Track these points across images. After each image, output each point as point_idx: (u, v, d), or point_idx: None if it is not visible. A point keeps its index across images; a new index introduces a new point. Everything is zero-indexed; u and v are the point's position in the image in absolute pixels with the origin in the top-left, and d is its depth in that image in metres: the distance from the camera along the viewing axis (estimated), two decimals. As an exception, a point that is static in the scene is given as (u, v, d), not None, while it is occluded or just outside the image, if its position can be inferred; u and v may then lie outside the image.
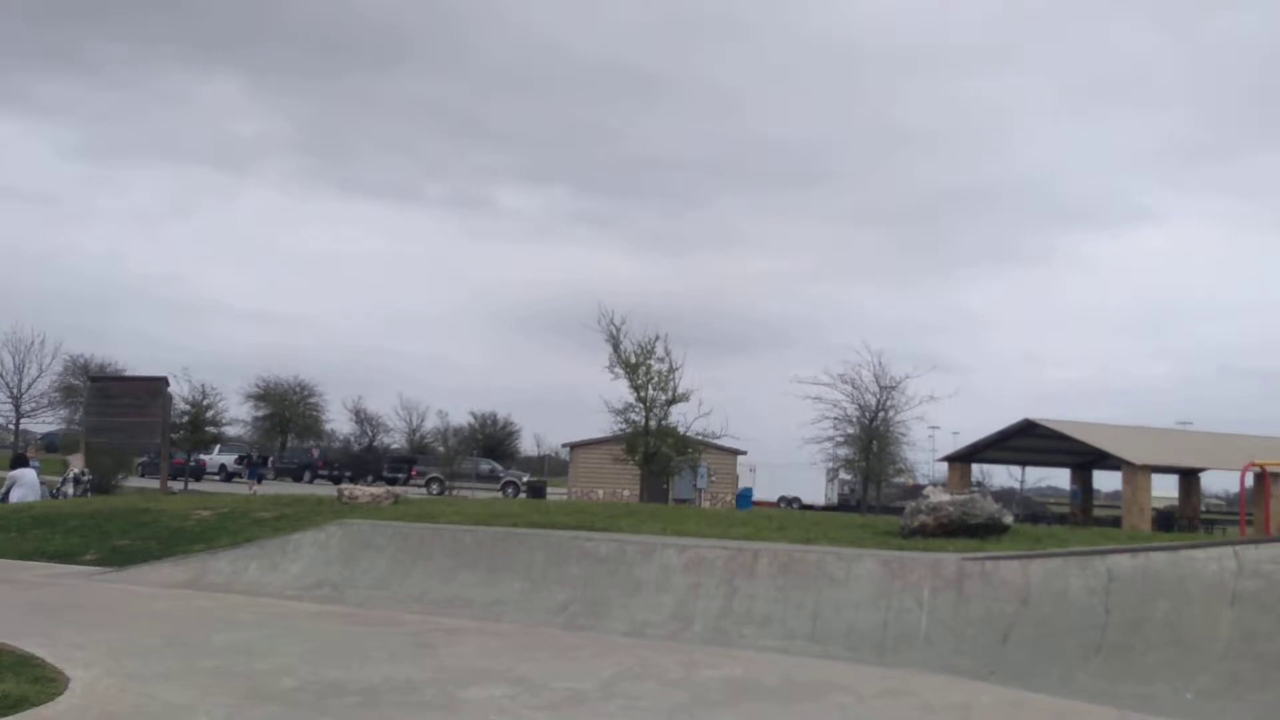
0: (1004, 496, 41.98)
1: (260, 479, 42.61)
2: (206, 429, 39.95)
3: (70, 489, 19.60)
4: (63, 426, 54.27)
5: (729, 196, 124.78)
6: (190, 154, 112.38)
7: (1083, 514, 42.26)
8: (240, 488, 35.94)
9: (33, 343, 48.83)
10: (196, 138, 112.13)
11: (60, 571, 11.40)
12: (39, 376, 49.42)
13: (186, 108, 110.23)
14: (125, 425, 22.78)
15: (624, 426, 28.33)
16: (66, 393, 51.32)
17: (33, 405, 49.99)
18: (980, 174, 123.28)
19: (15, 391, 48.57)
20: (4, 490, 18.03)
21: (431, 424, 62.06)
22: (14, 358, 48.46)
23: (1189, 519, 39.74)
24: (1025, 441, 39.88)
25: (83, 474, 20.08)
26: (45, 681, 5.79)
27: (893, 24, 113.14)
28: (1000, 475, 57.20)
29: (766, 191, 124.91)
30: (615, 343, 27.27)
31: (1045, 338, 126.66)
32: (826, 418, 32.04)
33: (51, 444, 54.73)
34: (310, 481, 47.20)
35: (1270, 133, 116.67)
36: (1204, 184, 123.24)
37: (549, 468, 61.22)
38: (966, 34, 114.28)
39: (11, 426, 50.52)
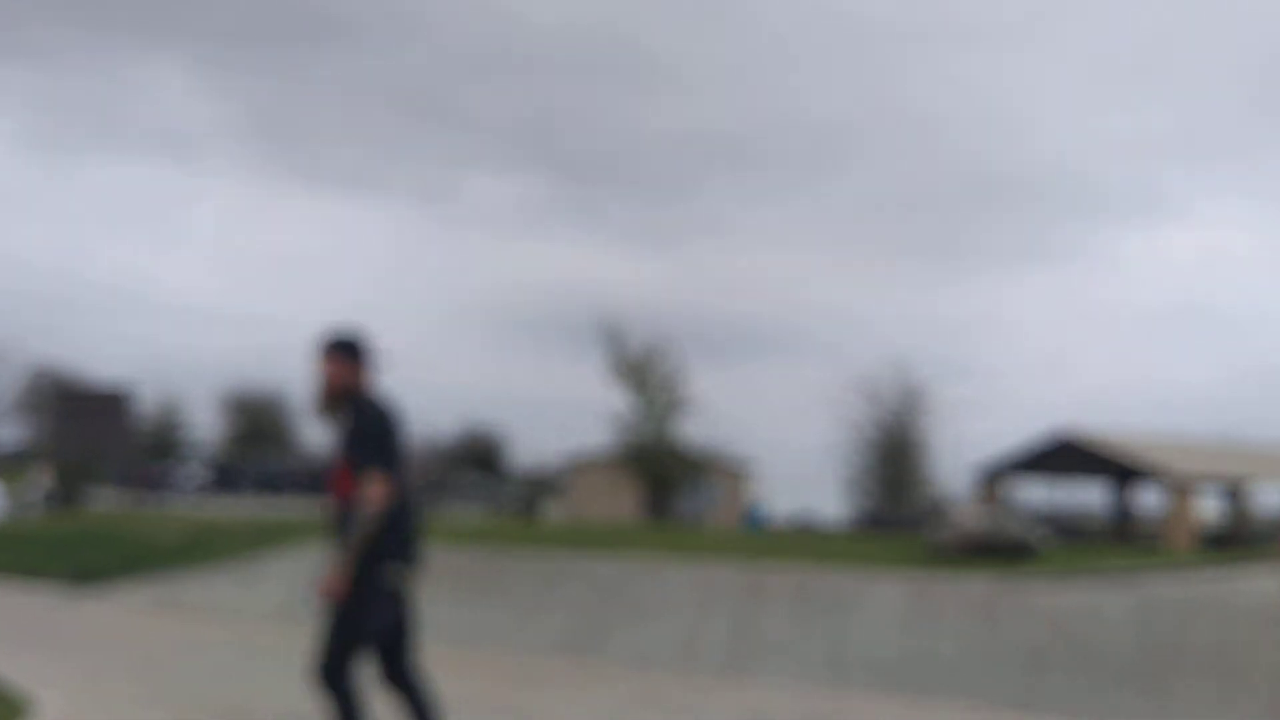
0: (1035, 513, 41.89)
1: (199, 489, 42.81)
2: (176, 442, 40.08)
3: (35, 500, 19.78)
4: (28, 436, 54.42)
5: (730, 187, 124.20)
6: (145, 147, 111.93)
7: (1121, 532, 42.20)
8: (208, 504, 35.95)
9: (-3, 352, 48.93)
10: (150, 130, 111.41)
11: (28, 592, 11.47)
12: (3, 389, 49.54)
13: (139, 98, 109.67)
14: (90, 438, 22.89)
15: (625, 439, 28.38)
16: (31, 401, 51.43)
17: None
18: (1005, 164, 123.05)
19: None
20: None
21: (419, 435, 62.16)
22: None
23: (1238, 538, 39.62)
24: (1059, 455, 39.77)
25: (48, 486, 20.24)
26: (13, 705, 5.84)
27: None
28: (1032, 491, 57.08)
29: (772, 182, 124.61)
30: (615, 352, 27.35)
31: (1077, 341, 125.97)
32: (846, 429, 32.11)
33: (17, 455, 54.84)
34: (286, 496, 47.20)
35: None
36: (1251, 177, 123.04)
37: (545, 483, 61.21)
38: (993, 11, 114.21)
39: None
